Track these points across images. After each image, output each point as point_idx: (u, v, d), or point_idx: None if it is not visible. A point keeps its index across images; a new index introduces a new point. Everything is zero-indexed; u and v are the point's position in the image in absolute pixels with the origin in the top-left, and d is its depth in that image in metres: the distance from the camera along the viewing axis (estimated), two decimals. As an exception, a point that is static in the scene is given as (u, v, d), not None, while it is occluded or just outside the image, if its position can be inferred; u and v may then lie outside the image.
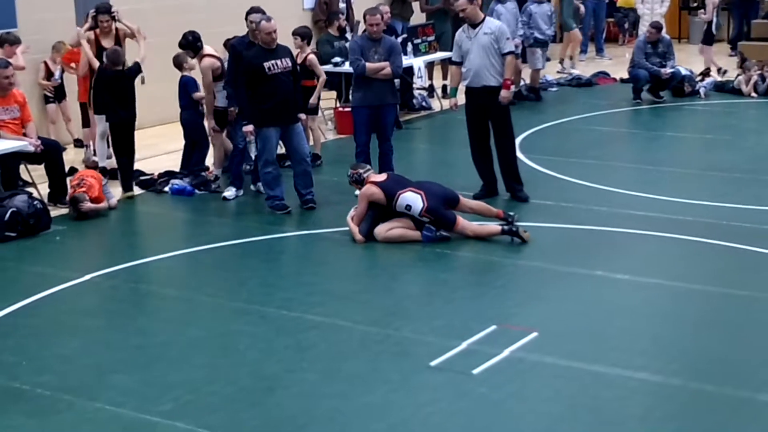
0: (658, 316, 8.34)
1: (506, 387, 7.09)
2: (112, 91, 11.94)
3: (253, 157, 11.62)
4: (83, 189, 11.19)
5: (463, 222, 10.18)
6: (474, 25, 11.20)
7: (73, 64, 14.04)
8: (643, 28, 19.33)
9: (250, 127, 11.21)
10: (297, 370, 7.42)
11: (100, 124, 12.72)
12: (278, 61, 11.07)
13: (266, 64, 11.00)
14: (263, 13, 11.46)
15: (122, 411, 6.83)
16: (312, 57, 13.10)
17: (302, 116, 11.52)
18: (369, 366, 7.46)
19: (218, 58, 12.32)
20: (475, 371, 7.26)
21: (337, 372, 7.38)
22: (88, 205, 11.14)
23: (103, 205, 11.34)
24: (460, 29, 11.44)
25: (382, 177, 10.50)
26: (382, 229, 10.16)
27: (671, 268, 9.36)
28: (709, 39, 19.27)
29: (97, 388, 7.18)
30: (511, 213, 10.31)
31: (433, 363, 7.42)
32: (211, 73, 12.16)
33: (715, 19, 19.35)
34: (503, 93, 11.15)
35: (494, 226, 10.17)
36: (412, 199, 10.13)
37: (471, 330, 7.93)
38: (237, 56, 11.46)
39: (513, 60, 11.32)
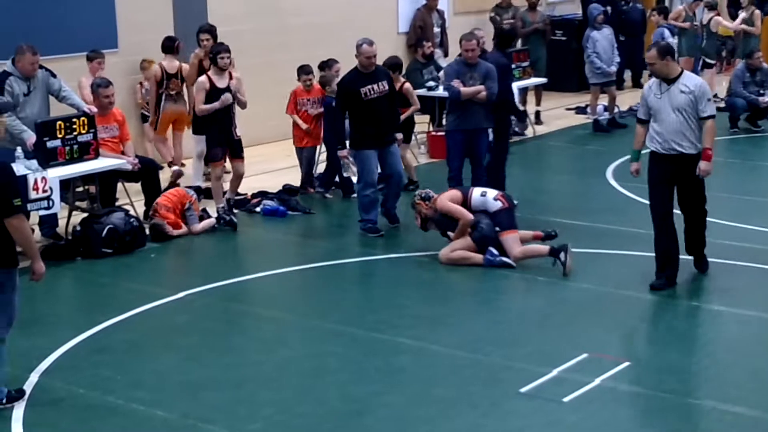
0: (755, 349, 8.18)
1: (597, 416, 7.02)
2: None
3: (353, 179, 11.73)
4: (159, 218, 11.32)
5: (515, 236, 10.18)
6: (668, 81, 9.29)
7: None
8: None
9: (344, 152, 11.32)
10: (386, 393, 7.42)
11: (199, 144, 12.83)
12: (375, 86, 11.16)
13: (363, 90, 11.11)
14: (370, 44, 11.40)
15: (214, 428, 6.90)
16: (408, 86, 13.22)
17: (399, 136, 11.57)
18: (458, 391, 7.44)
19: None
20: (566, 399, 7.20)
21: (426, 396, 7.36)
22: (171, 231, 11.25)
23: (183, 230, 11.39)
24: (649, 83, 9.59)
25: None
26: (445, 252, 10.26)
27: (769, 300, 9.20)
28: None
29: (190, 405, 7.27)
30: (551, 230, 10.31)
31: (523, 389, 7.37)
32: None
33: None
34: (702, 165, 9.28)
35: (541, 247, 10.18)
36: (486, 189, 10.45)
37: (562, 357, 7.87)
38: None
39: (713, 125, 9.30)
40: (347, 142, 11.61)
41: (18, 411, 7.17)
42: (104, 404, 7.31)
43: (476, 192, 10.39)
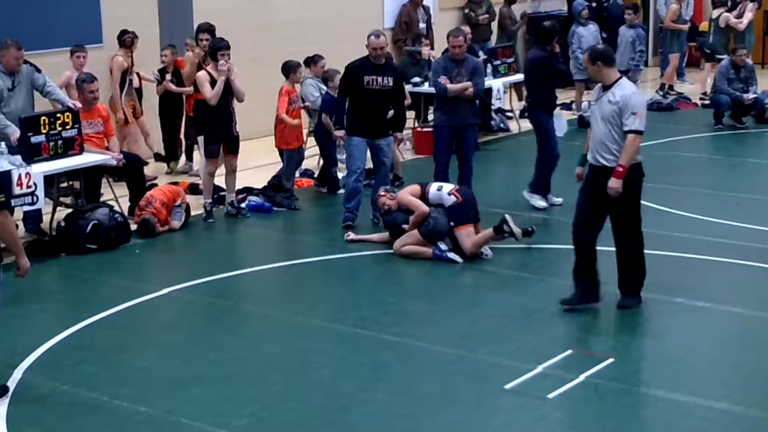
0: (740, 345, 8.22)
1: (582, 413, 7.04)
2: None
3: (339, 175, 11.87)
4: (151, 211, 11.27)
5: (468, 231, 10.26)
6: (605, 87, 8.77)
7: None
8: None
9: (340, 132, 11.51)
10: (371, 389, 7.43)
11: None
12: (379, 78, 11.25)
13: (366, 78, 11.23)
14: (377, 36, 11.35)
15: (199, 425, 6.89)
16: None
17: (399, 136, 11.62)
18: (443, 387, 7.45)
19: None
20: (551, 395, 7.22)
21: (411, 392, 7.37)
22: (159, 228, 11.23)
23: (166, 227, 11.36)
24: (596, 87, 9.06)
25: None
26: (396, 245, 10.45)
27: (753, 296, 9.22)
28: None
29: (175, 401, 7.25)
30: (529, 227, 10.31)
31: (508, 386, 7.38)
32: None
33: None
34: (610, 182, 8.50)
35: (486, 232, 10.30)
36: (443, 184, 10.66)
37: (547, 354, 7.88)
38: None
39: (633, 142, 8.48)
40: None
41: (1, 408, 7.15)
42: (88, 401, 7.29)
43: (433, 186, 10.56)
